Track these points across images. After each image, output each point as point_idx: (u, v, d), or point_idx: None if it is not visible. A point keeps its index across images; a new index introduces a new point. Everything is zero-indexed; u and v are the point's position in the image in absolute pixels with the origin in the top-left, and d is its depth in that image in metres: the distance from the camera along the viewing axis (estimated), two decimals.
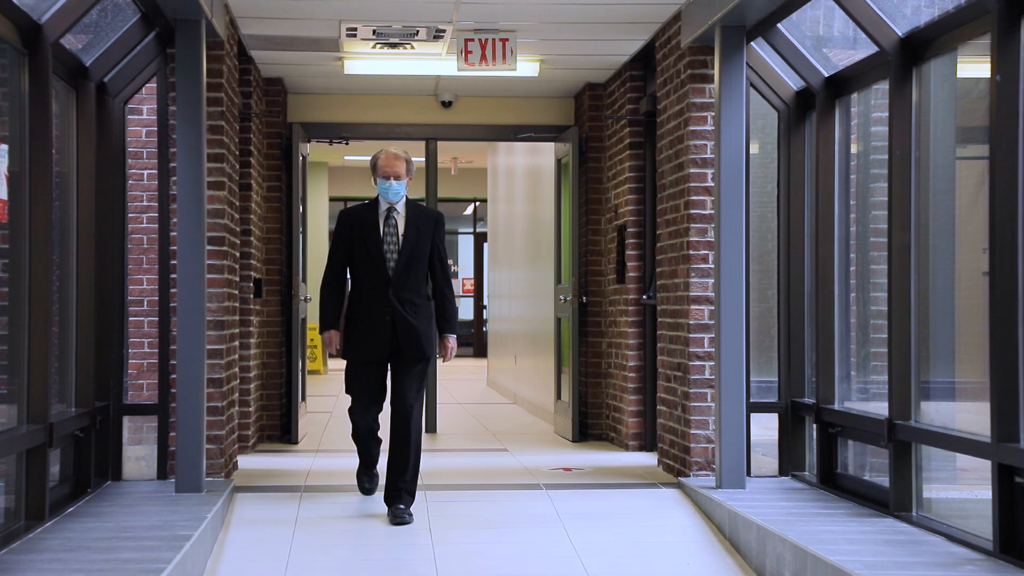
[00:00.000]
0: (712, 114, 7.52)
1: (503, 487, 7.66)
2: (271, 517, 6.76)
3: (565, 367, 10.52)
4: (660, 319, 8.18)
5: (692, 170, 7.55)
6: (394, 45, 8.78)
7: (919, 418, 6.13)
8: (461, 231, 24.95)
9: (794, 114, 7.56)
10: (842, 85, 7.03)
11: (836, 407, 6.98)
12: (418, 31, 8.39)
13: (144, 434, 7.52)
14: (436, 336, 6.85)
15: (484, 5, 7.82)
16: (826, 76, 7.10)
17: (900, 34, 6.16)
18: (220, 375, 7.37)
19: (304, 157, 10.26)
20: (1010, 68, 5.12)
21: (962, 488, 6.14)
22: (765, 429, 7.62)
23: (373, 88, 10.45)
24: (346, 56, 9.19)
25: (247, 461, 8.60)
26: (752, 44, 7.31)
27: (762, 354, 7.71)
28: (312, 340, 17.49)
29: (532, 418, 12.11)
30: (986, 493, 5.31)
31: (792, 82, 7.55)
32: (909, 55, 6.15)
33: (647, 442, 9.17)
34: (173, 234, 7.21)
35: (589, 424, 10.17)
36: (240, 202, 8.81)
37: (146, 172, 7.72)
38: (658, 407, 8.27)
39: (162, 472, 7.26)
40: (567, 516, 6.82)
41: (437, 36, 8.51)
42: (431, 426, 10.66)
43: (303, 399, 10.20)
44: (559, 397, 10.70)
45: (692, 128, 7.57)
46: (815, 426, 7.13)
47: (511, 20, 8.22)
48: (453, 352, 6.89)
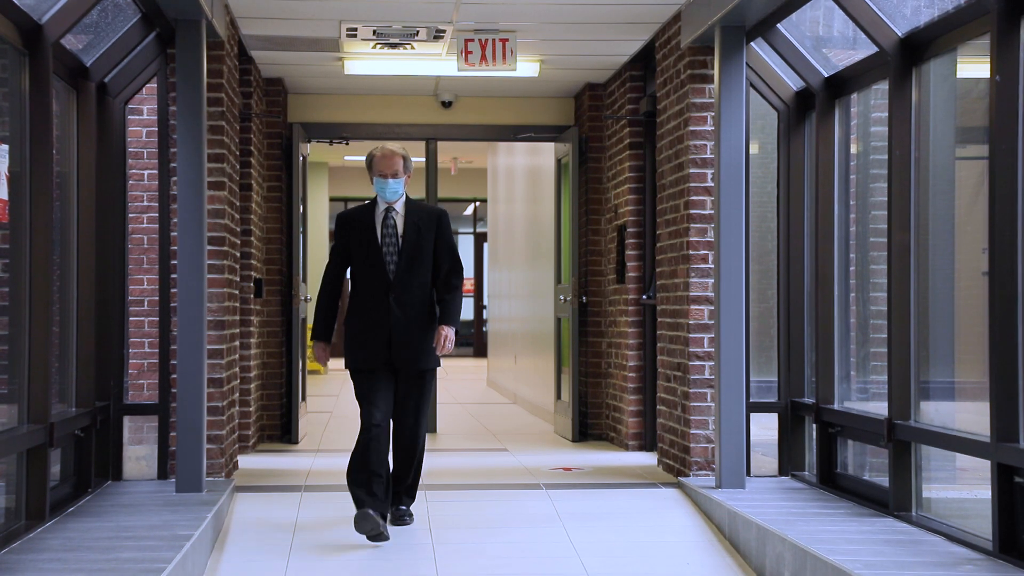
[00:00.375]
0: (712, 114, 7.52)
1: (503, 487, 7.66)
2: (271, 517, 6.76)
3: (565, 367, 10.52)
4: (660, 319, 8.18)
5: (692, 170, 7.55)
6: (394, 45, 8.78)
7: (919, 418, 6.13)
8: (461, 231, 24.97)
9: (794, 114, 7.56)
10: (842, 85, 7.03)
11: (836, 407, 6.99)
12: (418, 31, 8.39)
13: (144, 434, 7.52)
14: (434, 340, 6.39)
15: (484, 5, 7.82)
16: (826, 76, 7.10)
17: (900, 34, 6.16)
18: (220, 375, 7.38)
19: (304, 157, 10.26)
20: (1010, 68, 5.12)
21: (962, 488, 6.14)
22: (765, 429, 7.63)
23: (373, 88, 10.46)
24: (346, 56, 9.19)
25: (247, 461, 8.61)
26: (752, 44, 7.31)
27: (762, 354, 7.72)
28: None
29: (532, 418, 12.11)
30: (986, 493, 5.31)
31: (792, 82, 7.55)
32: (909, 55, 6.15)
33: (647, 442, 9.17)
34: (173, 234, 7.21)
35: (589, 424, 10.17)
36: (240, 202, 8.81)
37: (146, 172, 7.73)
38: (658, 407, 8.27)
39: (162, 472, 7.26)
40: (567, 516, 6.82)
41: (437, 36, 8.51)
42: (431, 426, 10.66)
43: (303, 399, 10.20)
44: (559, 397, 10.70)
45: (692, 128, 7.57)
46: (815, 426, 7.13)
47: (511, 20, 8.22)
48: (448, 343, 6.32)
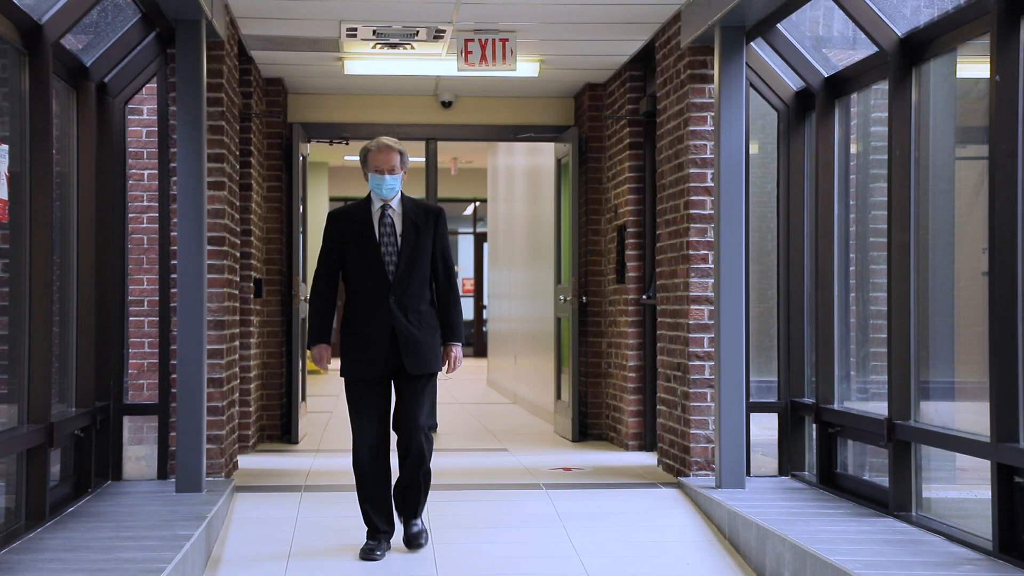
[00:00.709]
0: (712, 114, 7.52)
1: (503, 487, 7.66)
2: (271, 517, 6.76)
3: (565, 367, 10.52)
4: (660, 319, 8.18)
5: (692, 170, 7.55)
6: (394, 45, 8.78)
7: (919, 418, 6.13)
8: (461, 231, 24.96)
9: (794, 114, 7.56)
10: (842, 85, 7.03)
11: (836, 407, 6.99)
12: (418, 31, 8.39)
13: (144, 434, 7.52)
14: (440, 346, 6.11)
15: (484, 5, 7.82)
16: (826, 76, 7.10)
17: (900, 34, 6.16)
18: (220, 375, 7.38)
19: (304, 157, 10.27)
20: (1009, 68, 5.12)
21: (961, 488, 6.14)
22: (765, 429, 7.63)
23: (373, 88, 10.46)
24: (346, 56, 9.19)
25: (247, 461, 8.61)
26: (752, 44, 7.31)
27: (762, 354, 7.72)
28: None
29: (532, 418, 12.11)
30: (985, 493, 5.32)
31: (792, 82, 7.55)
32: (908, 55, 6.15)
33: (647, 442, 9.17)
34: (173, 234, 7.21)
35: (589, 424, 10.17)
36: (240, 202, 8.81)
37: (146, 172, 7.73)
38: (658, 407, 8.27)
39: (162, 472, 7.26)
40: (567, 516, 6.82)
41: (437, 36, 8.51)
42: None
43: (303, 399, 10.21)
44: (559, 397, 10.70)
45: (692, 128, 7.57)
46: (815, 426, 7.14)
47: (511, 20, 8.22)
48: (458, 363, 6.13)
